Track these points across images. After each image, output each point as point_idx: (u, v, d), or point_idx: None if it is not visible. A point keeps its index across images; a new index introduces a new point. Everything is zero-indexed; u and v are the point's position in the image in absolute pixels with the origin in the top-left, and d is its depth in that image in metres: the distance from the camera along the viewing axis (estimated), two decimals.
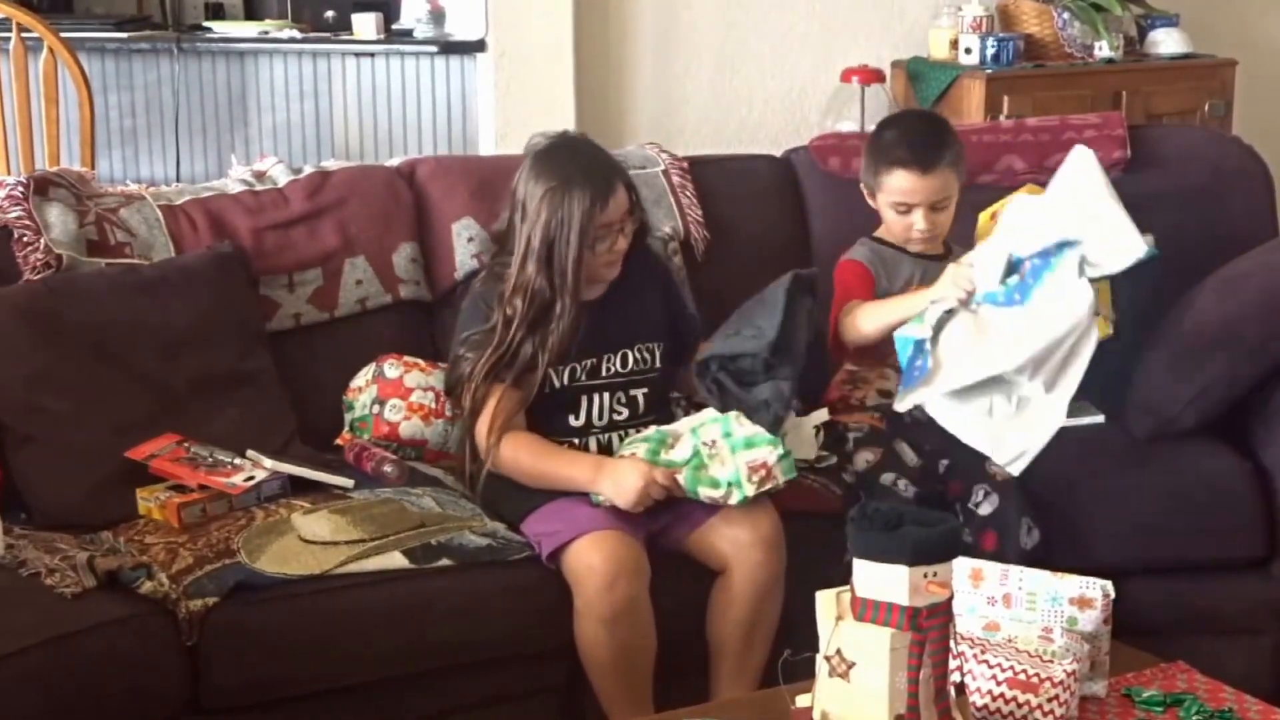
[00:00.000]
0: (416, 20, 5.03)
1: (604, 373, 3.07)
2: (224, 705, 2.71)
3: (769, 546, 2.92)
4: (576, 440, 3.05)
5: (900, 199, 3.25)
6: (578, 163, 3.00)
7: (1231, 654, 3.05)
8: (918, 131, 3.30)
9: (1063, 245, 3.03)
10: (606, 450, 3.04)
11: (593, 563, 2.81)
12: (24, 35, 4.34)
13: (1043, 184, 3.72)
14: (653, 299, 3.16)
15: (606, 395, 3.06)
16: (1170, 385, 3.31)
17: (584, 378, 3.06)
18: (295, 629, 2.72)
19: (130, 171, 4.94)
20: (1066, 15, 5.09)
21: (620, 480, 2.89)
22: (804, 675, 2.29)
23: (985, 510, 3.04)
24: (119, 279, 3.13)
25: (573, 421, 3.05)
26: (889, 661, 2.14)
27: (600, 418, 3.06)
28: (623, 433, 3.06)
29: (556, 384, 3.04)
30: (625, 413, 3.08)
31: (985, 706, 2.36)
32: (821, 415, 3.27)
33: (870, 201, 3.35)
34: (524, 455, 2.98)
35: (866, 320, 3.22)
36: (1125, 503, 3.17)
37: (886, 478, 3.08)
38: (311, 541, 2.79)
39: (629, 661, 2.85)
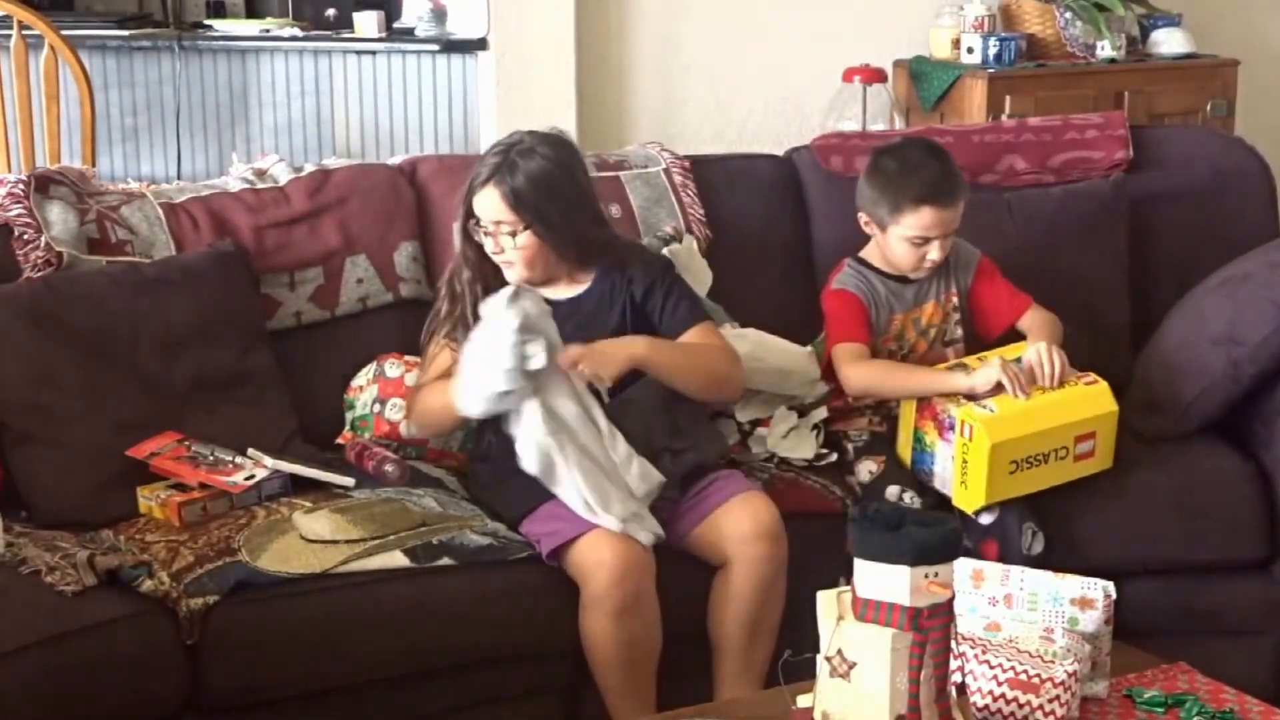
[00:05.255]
0: (418, 18, 5.03)
1: None
2: (224, 704, 2.71)
3: (770, 540, 2.92)
4: None
5: (922, 233, 3.20)
6: (492, 149, 3.05)
7: (1233, 655, 3.05)
8: (934, 166, 3.23)
9: None
10: None
11: (603, 557, 2.80)
12: (25, 33, 4.34)
13: (1047, 185, 3.74)
14: (612, 314, 3.07)
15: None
16: (1172, 385, 3.31)
17: None
18: (295, 628, 2.72)
19: (131, 169, 4.94)
20: (1069, 15, 5.09)
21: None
22: (805, 675, 2.29)
23: (985, 519, 3.03)
24: (120, 277, 3.12)
25: None
26: (890, 662, 2.14)
27: None
28: None
29: None
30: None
31: (986, 707, 2.36)
32: (820, 414, 3.27)
33: (870, 231, 3.29)
34: (421, 394, 3.07)
35: (887, 385, 3.20)
36: (1126, 503, 3.17)
37: (891, 491, 3.07)
38: (312, 540, 2.79)
39: (635, 656, 2.85)
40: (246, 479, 2.93)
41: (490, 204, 3.01)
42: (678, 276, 3.21)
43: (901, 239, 3.23)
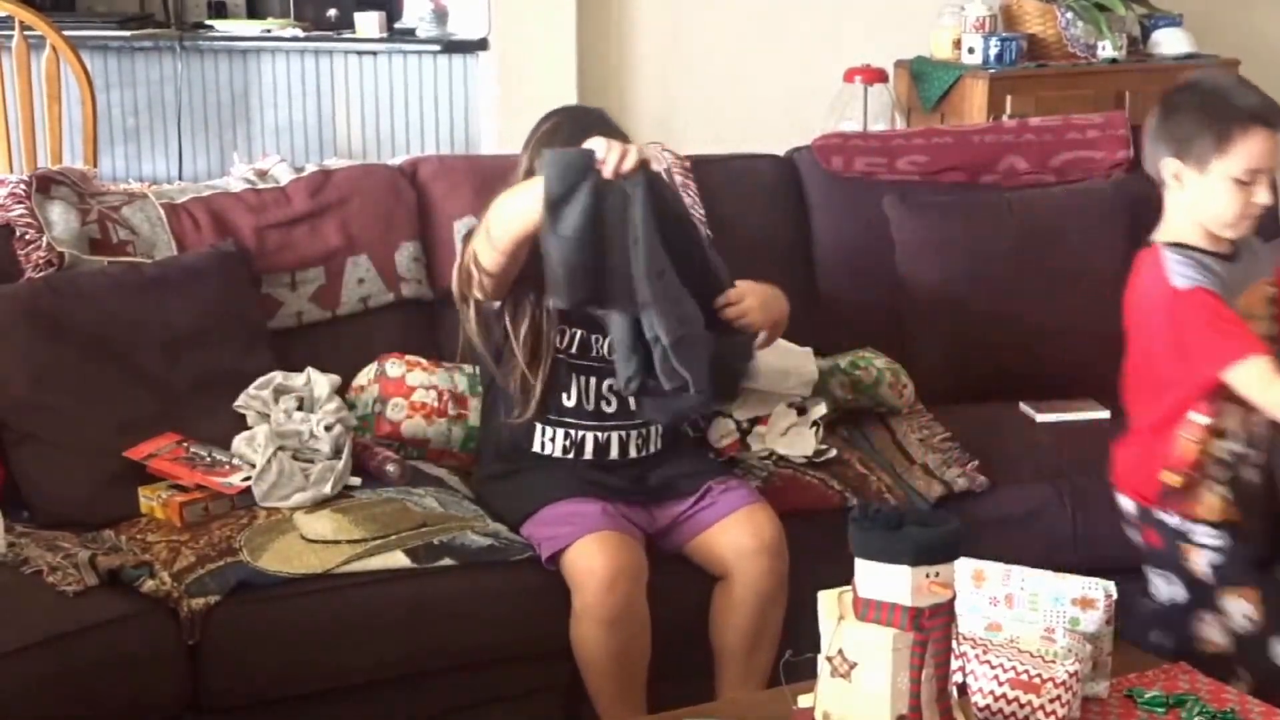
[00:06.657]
0: (419, 19, 5.04)
1: (593, 353, 3.02)
2: (225, 704, 2.71)
3: (771, 553, 2.91)
4: (571, 429, 3.03)
5: (1255, 165, 2.71)
6: (568, 119, 3.01)
7: None
8: (1252, 88, 2.78)
9: None
10: (604, 448, 3.01)
11: (593, 565, 2.80)
12: (27, 33, 4.34)
13: (1048, 185, 3.74)
14: None
15: (593, 380, 3.02)
16: None
17: (574, 351, 3.02)
18: (297, 628, 2.72)
19: (133, 170, 4.95)
20: (1070, 15, 5.09)
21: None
22: (806, 675, 2.29)
23: None
24: (121, 278, 3.12)
25: (565, 401, 3.02)
26: (891, 662, 2.14)
27: (588, 402, 3.02)
28: (622, 434, 3.03)
29: (559, 345, 3.00)
30: (615, 404, 3.04)
31: (987, 707, 2.36)
32: (819, 411, 3.27)
33: (1179, 185, 2.78)
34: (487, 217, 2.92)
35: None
36: None
37: None
38: (313, 540, 2.79)
39: (625, 663, 2.84)
40: (243, 480, 2.93)
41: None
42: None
43: (1227, 179, 2.72)
